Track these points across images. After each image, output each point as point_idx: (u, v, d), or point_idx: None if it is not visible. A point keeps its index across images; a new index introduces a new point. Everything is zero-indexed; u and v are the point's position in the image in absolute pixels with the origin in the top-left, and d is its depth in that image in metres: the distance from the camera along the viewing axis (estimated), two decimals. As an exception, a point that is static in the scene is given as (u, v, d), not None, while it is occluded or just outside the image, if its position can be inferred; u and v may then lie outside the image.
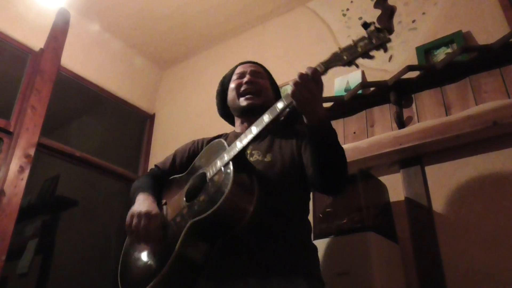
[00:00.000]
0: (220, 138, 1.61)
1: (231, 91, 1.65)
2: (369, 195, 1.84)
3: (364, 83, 2.28)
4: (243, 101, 1.58)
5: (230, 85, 1.67)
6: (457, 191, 1.90)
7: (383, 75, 2.36)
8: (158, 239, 1.32)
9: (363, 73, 2.47)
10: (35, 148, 2.67)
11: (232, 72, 1.72)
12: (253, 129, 1.27)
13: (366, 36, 1.16)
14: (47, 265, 3.06)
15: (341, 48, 1.20)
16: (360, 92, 2.28)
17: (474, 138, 1.89)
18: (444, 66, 2.04)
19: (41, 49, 2.91)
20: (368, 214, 1.75)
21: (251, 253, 1.26)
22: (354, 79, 2.45)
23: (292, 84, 1.19)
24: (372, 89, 2.29)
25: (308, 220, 1.48)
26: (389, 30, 1.17)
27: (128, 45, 3.63)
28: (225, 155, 1.30)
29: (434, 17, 2.37)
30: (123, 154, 3.48)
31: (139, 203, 1.39)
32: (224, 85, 1.73)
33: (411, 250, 1.88)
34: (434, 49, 2.26)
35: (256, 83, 1.61)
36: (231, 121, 1.75)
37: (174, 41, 3.58)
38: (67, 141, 3.06)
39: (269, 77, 1.72)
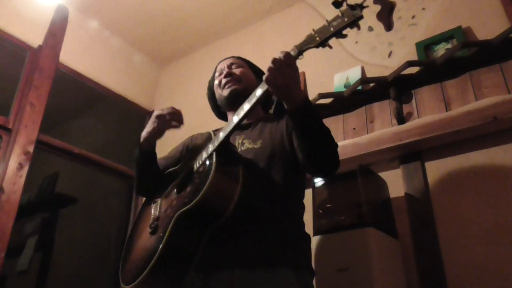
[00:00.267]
0: (216, 131, 1.64)
1: (216, 90, 1.69)
2: (369, 191, 1.84)
3: (363, 79, 2.27)
4: (225, 91, 1.60)
5: (214, 84, 1.71)
6: (457, 187, 1.90)
7: (382, 71, 2.35)
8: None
9: (362, 69, 2.47)
10: (34, 145, 2.66)
11: (214, 73, 1.75)
12: (234, 118, 1.29)
13: (339, 15, 1.13)
14: (46, 263, 3.06)
15: (315, 29, 1.18)
16: (359, 88, 2.28)
17: (474, 134, 1.89)
18: (444, 62, 2.04)
19: (40, 46, 2.90)
20: (368, 210, 1.75)
21: (238, 243, 1.27)
22: (354, 75, 2.44)
23: (266, 70, 1.18)
24: (371, 85, 2.29)
25: (301, 206, 1.47)
26: (388, 26, 1.15)
27: (127, 42, 3.62)
28: (209, 146, 1.33)
29: (434, 12, 2.36)
30: (123, 151, 3.47)
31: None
32: (211, 88, 1.76)
33: (411, 246, 1.88)
34: (434, 44, 2.25)
35: (234, 73, 1.63)
36: (227, 120, 1.75)
37: (173, 38, 3.57)
38: (66, 138, 3.05)
39: (250, 65, 1.73)
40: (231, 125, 1.29)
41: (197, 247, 1.24)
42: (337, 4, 1.13)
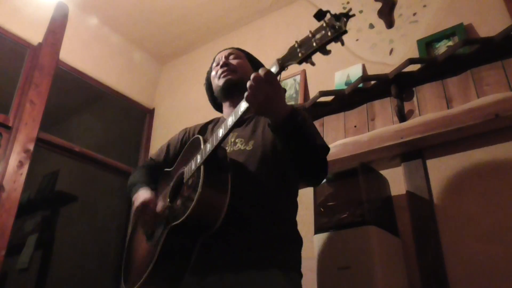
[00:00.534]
0: (211, 123, 1.67)
1: (212, 80, 1.68)
2: (370, 189, 1.83)
3: (364, 77, 2.27)
4: (221, 80, 1.60)
5: (211, 74, 1.70)
6: (459, 185, 1.89)
7: (384, 68, 2.34)
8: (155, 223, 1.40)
9: (363, 67, 2.46)
10: (34, 143, 2.66)
11: (212, 63, 1.73)
12: (220, 132, 1.27)
13: (323, 26, 1.04)
14: (47, 261, 3.05)
15: (298, 41, 1.11)
16: (360, 85, 2.27)
17: (476, 131, 1.88)
18: (446, 59, 2.03)
19: (40, 44, 2.89)
20: (369, 208, 1.75)
21: (228, 248, 1.28)
22: (355, 72, 2.43)
23: (247, 86, 1.16)
24: (373, 82, 2.28)
25: (293, 207, 1.47)
26: (389, 23, 1.11)
27: (127, 40, 3.61)
28: (198, 157, 1.32)
29: (435, 9, 2.35)
30: (123, 149, 3.47)
31: (136, 199, 1.46)
32: (209, 79, 1.75)
33: (412, 244, 1.88)
34: (435, 42, 2.24)
35: (230, 64, 1.62)
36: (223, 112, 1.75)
37: (174, 36, 3.56)
38: (66, 136, 3.04)
39: (247, 56, 1.72)
40: (218, 138, 1.27)
41: (191, 252, 1.27)
42: (320, 16, 1.04)
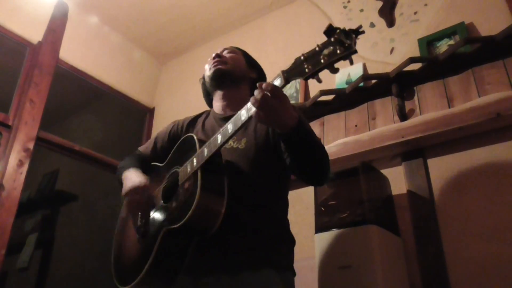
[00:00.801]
0: (200, 116, 1.65)
1: (206, 74, 1.65)
2: (371, 188, 1.83)
3: (365, 76, 2.26)
4: (210, 70, 1.58)
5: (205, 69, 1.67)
6: (460, 184, 1.89)
7: (384, 67, 2.34)
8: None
9: (364, 66, 2.45)
10: (34, 142, 2.65)
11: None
12: (218, 137, 1.25)
13: (332, 41, 1.02)
14: (47, 260, 3.06)
15: (304, 54, 1.08)
16: (361, 84, 2.26)
17: (477, 130, 1.87)
18: (447, 58, 2.02)
19: (39, 42, 2.89)
20: (370, 207, 1.74)
21: (224, 250, 1.28)
22: (356, 71, 2.43)
23: (252, 103, 1.13)
24: (373, 81, 2.27)
25: (285, 206, 1.47)
26: (390, 22, 1.08)
27: (127, 39, 3.60)
28: (194, 160, 1.30)
29: (436, 8, 2.35)
30: (123, 148, 3.46)
31: (126, 181, 1.45)
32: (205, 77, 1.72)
33: (413, 243, 1.87)
34: (436, 41, 2.23)
35: (222, 56, 1.60)
36: None
37: (174, 34, 3.55)
38: (66, 135, 3.04)
39: (244, 54, 1.70)
40: (217, 144, 1.24)
41: (186, 253, 1.28)
42: (330, 32, 1.01)
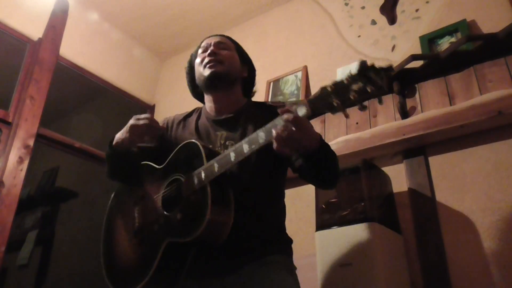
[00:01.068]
0: (191, 115, 1.61)
1: (197, 67, 1.56)
2: (372, 186, 1.82)
3: (367, 73, 2.25)
4: (206, 71, 1.49)
5: (196, 61, 1.58)
6: (461, 182, 1.89)
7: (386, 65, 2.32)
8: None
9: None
10: (34, 139, 2.65)
11: (198, 48, 1.62)
12: (232, 155, 1.19)
13: (361, 77, 0.94)
14: (47, 257, 3.06)
15: (332, 86, 0.99)
16: (363, 82, 2.25)
17: (479, 128, 1.87)
18: (448, 55, 2.02)
19: (40, 39, 2.88)
20: (371, 205, 1.74)
21: (227, 254, 1.27)
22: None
23: (274, 136, 1.07)
24: (375, 79, 2.26)
25: (284, 210, 1.47)
26: (391, 20, 1.04)
27: (127, 35, 3.59)
28: (202, 174, 1.24)
29: (438, 5, 2.34)
30: (123, 146, 3.46)
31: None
32: (192, 62, 1.64)
33: (414, 241, 1.87)
34: (438, 38, 2.23)
35: (219, 54, 1.51)
36: (202, 100, 1.66)
37: (174, 32, 3.54)
38: (66, 132, 3.03)
39: (237, 49, 1.61)
40: (229, 160, 1.19)
41: (187, 259, 1.26)
42: (363, 69, 0.93)
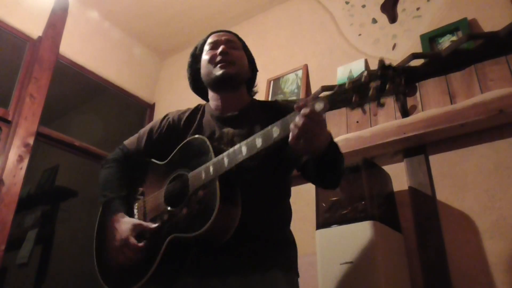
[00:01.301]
0: (195, 111, 1.56)
1: (205, 64, 1.51)
2: (372, 185, 1.82)
3: (368, 71, 2.24)
4: (218, 70, 1.44)
5: (203, 57, 1.53)
6: (462, 181, 1.88)
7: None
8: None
9: (366, 62, 2.44)
10: (34, 137, 2.64)
11: (204, 42, 1.57)
12: (243, 149, 1.18)
13: (380, 75, 0.99)
14: (47, 255, 3.05)
15: (350, 82, 1.03)
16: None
17: (479, 127, 1.87)
18: (449, 54, 2.01)
19: (40, 37, 2.87)
20: (372, 203, 1.74)
21: (230, 253, 1.25)
22: (357, 67, 2.41)
23: (292, 129, 1.06)
24: (375, 77, 2.26)
25: (290, 210, 1.45)
26: (392, 18, 1.04)
27: (127, 34, 3.59)
28: (210, 168, 1.22)
29: (439, 4, 2.33)
30: (123, 144, 3.46)
31: (112, 229, 1.36)
32: (196, 56, 1.59)
33: (414, 240, 1.87)
34: (438, 37, 2.22)
35: (230, 54, 1.47)
36: (202, 95, 1.63)
37: (174, 30, 3.54)
38: (66, 131, 3.03)
39: (244, 47, 1.59)
40: (241, 155, 1.18)
41: (187, 256, 1.26)
42: (382, 68, 0.99)
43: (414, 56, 2.07)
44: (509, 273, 1.64)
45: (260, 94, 2.35)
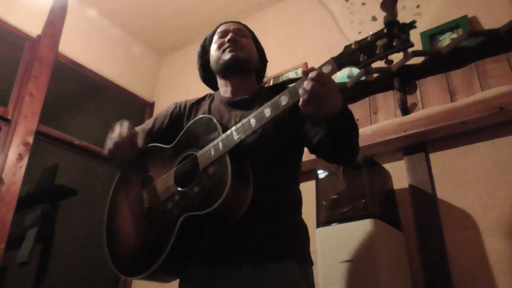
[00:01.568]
0: (204, 99, 1.56)
1: (214, 52, 1.52)
2: (373, 183, 1.82)
3: (367, 70, 2.24)
4: (226, 54, 1.46)
5: (212, 46, 1.55)
6: (462, 179, 1.88)
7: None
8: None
9: (366, 60, 2.43)
10: (34, 136, 2.64)
11: (213, 33, 1.58)
12: (252, 122, 1.17)
13: (385, 33, 1.00)
14: (46, 254, 3.05)
15: (357, 42, 1.04)
16: (363, 78, 2.24)
17: (480, 125, 1.87)
18: (450, 52, 2.01)
19: (39, 36, 2.86)
20: (372, 201, 1.73)
21: (244, 239, 1.23)
22: (357, 65, 2.41)
23: (301, 94, 1.06)
24: (375, 75, 2.26)
25: (300, 195, 1.44)
26: (392, 16, 1.05)
27: (127, 32, 3.58)
28: (219, 144, 1.21)
29: (439, 2, 2.33)
30: (123, 143, 3.45)
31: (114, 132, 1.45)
32: (205, 47, 1.60)
33: (415, 238, 1.87)
34: (439, 34, 2.22)
35: (239, 41, 1.49)
36: (212, 85, 1.64)
37: (174, 28, 3.53)
38: (66, 129, 3.02)
39: (253, 37, 1.60)
40: (248, 130, 1.17)
41: (200, 240, 1.22)
42: (390, 25, 0.99)
43: (414, 53, 2.06)
44: (509, 271, 1.64)
45: (260, 92, 2.35)
